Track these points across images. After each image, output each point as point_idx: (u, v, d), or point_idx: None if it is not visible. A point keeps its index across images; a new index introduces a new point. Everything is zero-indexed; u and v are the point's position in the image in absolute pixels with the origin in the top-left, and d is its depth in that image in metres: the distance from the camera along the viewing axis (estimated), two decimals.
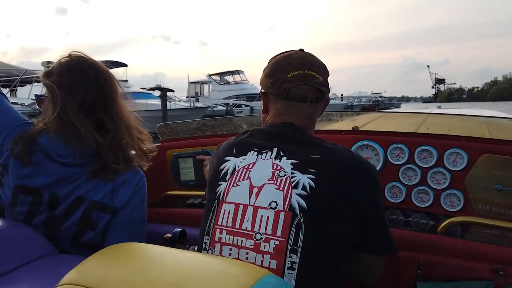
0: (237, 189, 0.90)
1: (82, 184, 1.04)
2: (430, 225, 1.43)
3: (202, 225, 0.94)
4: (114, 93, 1.11)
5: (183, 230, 1.33)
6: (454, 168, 1.48)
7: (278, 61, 1.02)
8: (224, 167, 0.95)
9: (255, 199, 0.87)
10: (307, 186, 0.85)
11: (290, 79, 0.96)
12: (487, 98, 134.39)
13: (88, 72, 1.07)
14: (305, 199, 0.84)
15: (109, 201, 1.05)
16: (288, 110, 0.99)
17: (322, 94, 0.99)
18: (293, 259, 0.80)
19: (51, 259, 0.90)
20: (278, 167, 0.89)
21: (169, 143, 2.08)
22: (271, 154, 0.92)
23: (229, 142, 1.03)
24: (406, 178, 1.56)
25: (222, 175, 0.94)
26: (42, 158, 1.03)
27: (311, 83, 0.97)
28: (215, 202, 0.92)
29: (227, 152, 0.99)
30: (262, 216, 0.84)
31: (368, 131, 1.70)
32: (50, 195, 1.02)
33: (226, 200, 0.90)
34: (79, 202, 1.03)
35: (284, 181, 0.86)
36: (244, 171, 0.91)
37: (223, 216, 0.88)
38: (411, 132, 1.62)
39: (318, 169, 0.87)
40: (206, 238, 0.90)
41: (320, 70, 1.00)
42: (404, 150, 1.56)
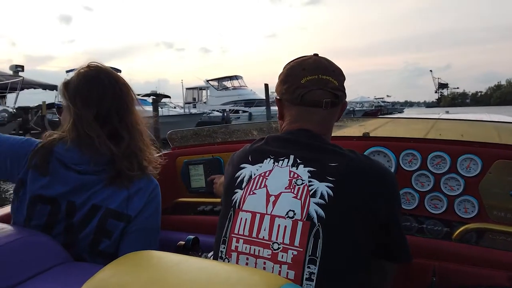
0: (254, 197, 0.88)
1: (97, 192, 1.05)
2: (444, 232, 1.42)
3: (217, 232, 0.93)
4: (129, 102, 1.12)
5: (196, 237, 1.33)
6: (468, 174, 1.46)
7: (292, 67, 1.01)
8: (239, 174, 0.94)
9: (272, 207, 0.85)
10: (325, 194, 0.83)
11: (304, 84, 0.95)
12: (491, 102, 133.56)
13: (104, 82, 1.09)
14: (323, 208, 0.82)
15: (124, 209, 1.05)
16: (304, 116, 0.98)
17: (338, 99, 0.97)
18: (311, 270, 0.78)
19: (67, 267, 0.90)
20: (295, 175, 0.87)
21: (179, 150, 2.09)
22: (288, 161, 0.91)
23: (244, 149, 1.02)
24: (419, 184, 1.55)
25: (238, 183, 0.93)
26: (58, 167, 1.04)
27: (325, 88, 0.95)
28: (231, 210, 0.90)
29: (242, 160, 0.97)
30: (280, 226, 0.83)
31: (379, 137, 1.70)
32: (67, 204, 1.03)
33: (242, 208, 0.89)
34: (95, 210, 1.04)
35: (301, 190, 0.85)
36: (261, 179, 0.90)
37: (239, 225, 0.87)
38: (423, 138, 1.61)
39: (336, 177, 0.85)
40: (222, 246, 0.89)
41: (335, 74, 0.98)
42: (417, 156, 1.55)
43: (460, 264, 1.25)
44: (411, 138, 1.61)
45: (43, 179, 1.04)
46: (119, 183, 1.06)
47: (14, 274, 0.83)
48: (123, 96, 1.11)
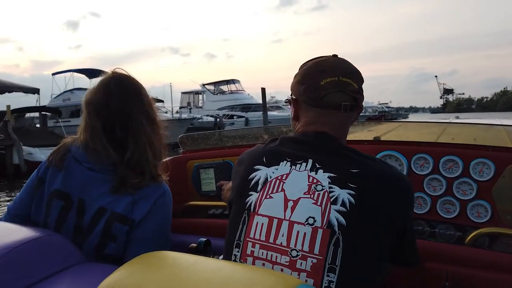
0: (271, 201, 0.86)
1: (104, 194, 1.07)
2: (456, 236, 1.41)
3: (229, 235, 0.91)
4: (135, 111, 1.12)
5: (207, 240, 1.34)
6: (481, 179, 1.45)
7: (311, 67, 0.98)
8: (254, 176, 0.91)
9: (291, 213, 0.83)
10: (346, 202, 0.81)
11: (324, 86, 0.92)
12: (497, 108, 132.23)
13: (112, 89, 1.11)
14: (344, 216, 0.80)
15: (129, 214, 1.06)
16: (321, 118, 0.95)
17: (356, 102, 0.95)
18: (330, 278, 0.77)
19: (82, 267, 0.92)
20: (314, 180, 0.85)
21: (190, 154, 2.10)
22: (306, 165, 0.88)
23: (257, 150, 0.99)
24: (431, 188, 1.54)
25: (253, 185, 0.90)
26: (72, 163, 1.10)
27: (345, 91, 0.93)
28: (245, 213, 0.88)
29: (256, 161, 0.94)
30: (299, 232, 0.81)
31: (390, 141, 1.69)
32: (78, 201, 1.07)
33: (258, 212, 0.86)
34: (101, 213, 1.05)
35: (322, 196, 0.83)
36: (278, 183, 0.88)
37: (255, 229, 0.85)
38: (435, 142, 1.60)
39: (357, 184, 0.83)
40: (236, 250, 0.87)
41: (355, 76, 0.95)
42: (429, 160, 1.54)
43: (473, 269, 1.24)
44: (423, 142, 1.60)
45: (59, 174, 1.09)
46: (122, 191, 1.07)
47: (29, 274, 0.84)
48: (128, 103, 1.11)
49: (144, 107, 1.15)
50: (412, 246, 0.95)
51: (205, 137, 2.17)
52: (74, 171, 1.09)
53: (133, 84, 1.15)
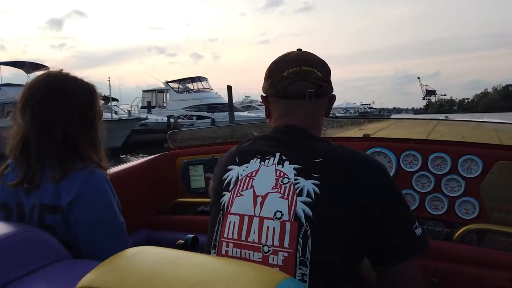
0: (241, 199, 0.86)
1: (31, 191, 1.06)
2: (445, 232, 1.41)
3: (208, 237, 0.91)
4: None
5: (195, 236, 1.32)
6: (469, 175, 1.46)
7: (275, 62, 1.00)
8: (227, 176, 0.92)
9: (260, 209, 0.83)
10: (311, 192, 0.80)
11: (286, 76, 0.93)
12: (478, 109, 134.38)
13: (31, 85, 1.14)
14: (310, 206, 0.79)
15: (57, 201, 1.03)
16: (289, 110, 0.95)
17: (322, 89, 0.94)
18: (303, 271, 0.77)
19: (65, 263, 0.90)
20: (281, 174, 0.85)
21: (179, 150, 2.08)
22: (274, 160, 0.88)
23: (231, 151, 1.00)
24: (419, 185, 1.55)
25: (226, 185, 0.91)
26: (9, 172, 1.14)
27: (308, 79, 0.93)
28: (220, 214, 0.88)
29: (229, 161, 0.95)
30: (268, 227, 0.81)
31: (380, 138, 1.70)
32: (17, 206, 1.07)
33: (230, 212, 0.86)
34: (33, 209, 1.05)
35: (288, 189, 0.82)
36: (247, 180, 0.88)
37: (228, 228, 0.85)
38: (424, 139, 1.61)
39: (321, 174, 0.82)
40: (213, 251, 0.87)
41: (318, 66, 0.96)
42: (417, 157, 1.54)
43: (461, 265, 1.24)
44: (411, 139, 1.60)
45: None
46: (35, 185, 1.05)
47: (10, 271, 0.82)
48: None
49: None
50: (402, 236, 0.84)
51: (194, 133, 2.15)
52: (8, 178, 1.10)
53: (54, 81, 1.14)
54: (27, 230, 0.92)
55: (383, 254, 0.85)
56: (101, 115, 1.20)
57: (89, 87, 1.17)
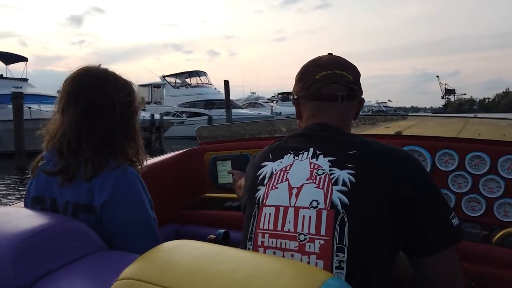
0: (276, 191, 0.89)
1: (65, 187, 1.07)
2: (482, 235, 1.36)
3: (244, 232, 0.93)
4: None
5: (226, 231, 1.32)
6: (510, 176, 1.40)
7: (307, 65, 1.04)
8: (261, 172, 0.96)
9: (295, 199, 0.85)
10: (347, 181, 0.83)
11: (319, 79, 0.98)
12: (499, 109, 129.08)
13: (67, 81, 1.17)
14: (346, 195, 0.82)
15: (91, 201, 1.04)
16: (320, 111, 0.99)
17: (353, 92, 0.98)
18: (340, 258, 0.78)
19: (103, 255, 0.91)
20: (315, 166, 0.88)
21: (207, 145, 2.09)
22: (308, 154, 0.91)
23: (264, 150, 1.04)
24: (455, 185, 1.49)
25: (260, 180, 0.94)
26: (43, 165, 1.16)
27: (340, 82, 0.97)
28: (255, 207, 0.91)
29: (263, 159, 0.99)
30: (304, 216, 0.83)
31: (413, 136, 1.65)
32: (51, 200, 1.09)
33: (266, 204, 0.89)
34: (67, 207, 1.06)
35: (323, 179, 0.85)
36: (282, 174, 0.91)
37: (264, 220, 0.87)
38: (461, 138, 1.55)
39: (356, 164, 0.85)
40: (249, 243, 0.89)
41: (349, 69, 1.00)
42: (454, 156, 1.49)
43: (500, 268, 1.19)
44: (447, 138, 1.55)
45: (33, 181, 1.15)
46: (70, 180, 1.06)
47: (50, 260, 0.84)
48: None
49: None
50: (437, 226, 0.84)
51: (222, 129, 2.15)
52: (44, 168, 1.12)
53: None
54: (67, 221, 0.94)
55: (419, 245, 0.84)
56: (139, 111, 1.21)
57: (128, 84, 1.18)
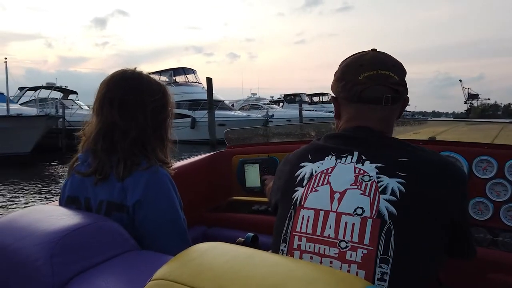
0: (316, 194, 0.85)
1: (99, 187, 1.09)
2: None
3: (276, 232, 0.90)
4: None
5: (255, 235, 1.31)
6: None
7: (348, 64, 0.97)
8: (299, 173, 0.91)
9: (338, 204, 0.81)
10: (396, 191, 0.78)
11: (362, 81, 0.91)
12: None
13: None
14: (394, 205, 0.77)
15: (123, 200, 1.06)
16: (362, 114, 0.93)
17: (399, 94, 0.92)
18: (383, 269, 0.74)
19: (135, 254, 0.92)
20: (361, 171, 0.83)
21: (235, 148, 2.09)
22: (352, 158, 0.86)
23: (303, 148, 0.99)
24: (494, 193, 1.43)
25: (299, 181, 0.90)
26: (78, 166, 1.19)
27: (385, 83, 0.91)
28: (292, 209, 0.87)
29: (301, 158, 0.94)
30: (347, 223, 0.79)
31: (448, 142, 1.59)
32: (85, 200, 1.12)
33: (304, 206, 0.85)
34: (101, 206, 1.08)
35: (369, 186, 0.80)
36: (323, 176, 0.86)
37: (301, 223, 0.84)
38: (500, 144, 1.49)
39: (407, 173, 0.80)
40: (283, 245, 0.86)
41: (395, 69, 0.93)
42: (492, 163, 1.43)
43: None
44: (485, 144, 1.49)
45: (68, 181, 1.18)
46: (104, 179, 1.08)
47: (84, 258, 0.85)
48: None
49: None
50: (465, 239, 0.88)
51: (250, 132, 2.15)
52: (79, 169, 1.14)
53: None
54: (101, 220, 0.95)
55: (464, 251, 0.89)
56: (172, 114, 1.23)
57: (161, 87, 1.20)
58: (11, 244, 0.86)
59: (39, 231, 0.86)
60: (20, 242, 0.85)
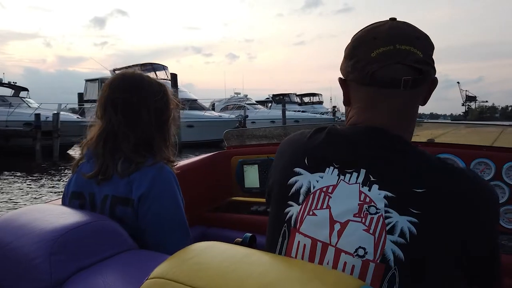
0: (314, 219, 0.72)
1: (105, 182, 1.11)
2: None
3: (268, 245, 0.81)
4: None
5: (253, 235, 1.32)
6: None
7: (360, 37, 0.78)
8: (294, 182, 0.77)
9: (337, 239, 0.69)
10: (406, 232, 0.65)
11: (375, 58, 0.73)
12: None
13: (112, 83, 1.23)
14: (402, 248, 0.65)
15: (128, 194, 1.08)
16: (375, 101, 0.76)
17: (422, 75, 0.73)
18: None
19: (133, 253, 0.92)
20: (367, 199, 0.69)
21: (234, 149, 2.10)
22: (357, 177, 0.71)
23: (299, 144, 0.82)
24: None
25: (293, 194, 0.76)
26: (84, 163, 1.22)
27: (405, 61, 0.72)
28: (285, 226, 0.76)
29: (297, 161, 0.79)
30: (346, 263, 0.68)
31: (446, 144, 1.60)
32: (89, 195, 1.14)
33: (300, 230, 0.73)
34: (105, 200, 1.10)
35: (375, 222, 0.67)
36: (322, 196, 0.73)
37: (297, 249, 0.73)
38: (497, 146, 1.49)
39: (422, 210, 0.65)
40: None
41: (419, 42, 0.74)
42: (490, 166, 1.43)
43: None
44: (484, 146, 1.50)
45: (73, 177, 1.20)
46: (107, 178, 1.10)
47: (82, 257, 0.86)
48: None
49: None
50: (496, 270, 0.75)
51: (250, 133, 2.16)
52: (83, 169, 1.16)
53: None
54: (100, 219, 0.96)
55: (482, 280, 0.74)
56: (174, 113, 1.25)
57: (162, 87, 1.22)
58: (10, 242, 0.86)
59: (38, 229, 0.87)
60: (19, 240, 0.86)
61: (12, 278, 0.84)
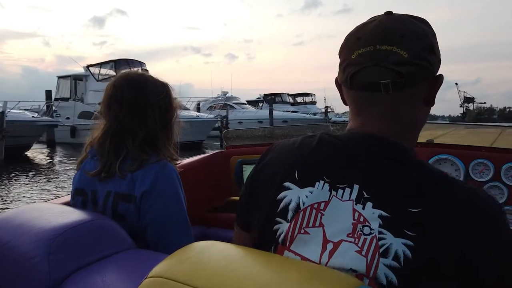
0: (306, 238, 0.67)
1: (108, 179, 1.12)
2: None
3: None
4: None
5: None
6: None
7: (348, 36, 0.74)
8: (282, 198, 0.72)
9: (328, 259, 0.65)
10: (400, 255, 0.61)
11: (355, 60, 0.69)
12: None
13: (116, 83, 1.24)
14: (396, 273, 0.61)
15: (131, 190, 1.09)
16: (364, 105, 0.71)
17: (403, 79, 0.66)
18: None
19: (132, 253, 0.92)
20: (361, 218, 0.64)
21: (234, 149, 2.10)
22: (350, 193, 0.66)
23: (287, 154, 0.76)
24: None
25: (281, 211, 0.71)
26: (87, 160, 1.23)
27: (383, 63, 0.66)
28: (273, 243, 0.71)
29: (285, 174, 0.73)
30: None
31: (445, 144, 1.60)
32: (92, 192, 1.15)
33: (290, 248, 0.69)
34: (108, 197, 1.11)
35: (368, 244, 0.63)
36: (314, 213, 0.68)
37: None
38: (497, 147, 1.50)
39: (417, 232, 0.61)
40: None
41: (403, 41, 0.67)
42: (489, 166, 1.43)
43: None
44: (483, 147, 1.50)
45: (77, 174, 1.23)
46: (110, 176, 1.12)
47: (81, 256, 0.86)
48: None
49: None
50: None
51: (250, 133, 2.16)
52: (86, 166, 1.18)
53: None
54: (97, 218, 0.96)
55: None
56: (177, 112, 1.26)
57: (166, 87, 1.23)
58: (8, 241, 0.86)
59: (36, 228, 0.87)
60: (17, 239, 0.86)
61: (10, 277, 0.84)
